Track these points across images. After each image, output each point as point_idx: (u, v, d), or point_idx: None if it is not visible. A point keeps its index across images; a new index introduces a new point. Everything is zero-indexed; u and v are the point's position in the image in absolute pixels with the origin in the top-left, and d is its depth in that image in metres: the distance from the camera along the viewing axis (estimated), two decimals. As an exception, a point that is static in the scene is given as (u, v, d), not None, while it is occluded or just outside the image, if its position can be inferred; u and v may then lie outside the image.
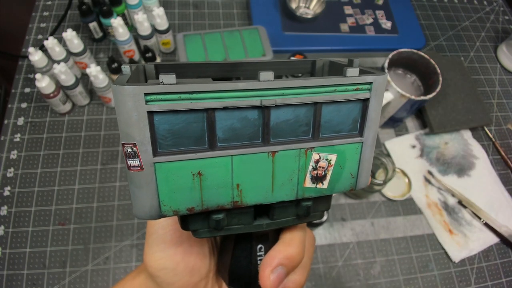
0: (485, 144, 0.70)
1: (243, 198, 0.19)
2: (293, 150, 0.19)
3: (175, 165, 0.17)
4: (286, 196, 0.20)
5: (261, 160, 0.18)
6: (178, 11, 0.78)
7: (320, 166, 0.19)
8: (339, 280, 0.55)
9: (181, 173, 0.17)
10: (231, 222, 0.20)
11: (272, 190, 0.19)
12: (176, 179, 0.17)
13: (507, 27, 0.87)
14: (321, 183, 0.20)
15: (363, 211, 0.60)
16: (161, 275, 0.27)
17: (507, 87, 0.78)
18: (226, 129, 0.18)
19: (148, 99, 0.16)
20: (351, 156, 0.20)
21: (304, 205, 0.21)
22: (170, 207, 0.18)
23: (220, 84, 0.17)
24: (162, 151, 0.17)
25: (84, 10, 0.63)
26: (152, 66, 0.23)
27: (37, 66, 0.57)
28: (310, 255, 0.26)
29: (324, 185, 0.20)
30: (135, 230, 0.55)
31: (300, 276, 0.25)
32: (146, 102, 0.16)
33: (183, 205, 0.18)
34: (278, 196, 0.19)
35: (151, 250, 0.27)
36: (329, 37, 0.74)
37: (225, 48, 0.58)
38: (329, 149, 0.19)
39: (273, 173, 0.19)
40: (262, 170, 0.19)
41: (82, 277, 0.51)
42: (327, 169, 0.20)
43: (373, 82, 0.18)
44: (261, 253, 0.24)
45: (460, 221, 0.61)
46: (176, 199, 0.18)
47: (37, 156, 0.59)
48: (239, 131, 0.18)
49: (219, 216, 0.19)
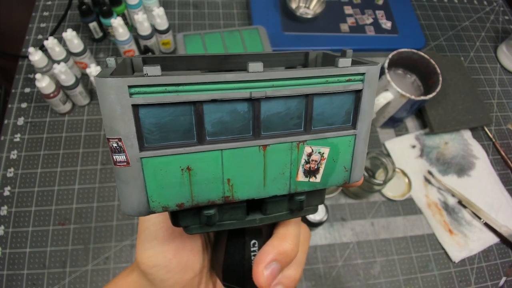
0: (485, 144, 0.70)
1: (235, 193, 0.18)
2: (284, 144, 0.18)
3: (163, 160, 0.17)
4: (279, 191, 0.19)
5: (252, 154, 0.18)
6: (178, 11, 0.78)
7: (312, 159, 0.19)
8: (339, 280, 0.55)
9: (169, 168, 0.17)
10: (223, 218, 0.20)
11: (264, 185, 0.19)
12: (164, 175, 0.17)
13: (507, 27, 0.87)
14: (314, 176, 0.19)
15: (363, 211, 0.60)
16: (154, 272, 0.27)
17: (507, 87, 0.78)
18: (215, 122, 0.17)
19: (132, 92, 0.15)
20: (344, 149, 0.19)
21: (297, 199, 0.20)
22: (159, 203, 0.17)
23: (208, 76, 0.16)
24: (149, 145, 0.16)
25: (84, 10, 0.63)
26: (140, 59, 0.22)
27: (37, 66, 0.57)
28: (305, 250, 0.26)
29: (317, 179, 0.20)
30: (135, 230, 0.55)
31: (295, 272, 0.24)
32: (131, 95, 0.15)
33: (172, 201, 0.18)
34: (270, 190, 0.19)
35: (143, 247, 0.27)
36: (329, 37, 0.74)
37: (225, 48, 0.58)
38: (321, 142, 0.19)
39: (264, 167, 0.18)
40: (253, 164, 0.18)
41: (82, 277, 0.51)
42: (320, 162, 0.19)
43: (366, 72, 0.18)
44: (255, 249, 0.24)
45: (460, 221, 0.61)
46: (165, 195, 0.17)
47: (37, 156, 0.59)
48: (229, 124, 0.17)
49: (210, 212, 0.19)
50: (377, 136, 0.68)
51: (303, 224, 0.27)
